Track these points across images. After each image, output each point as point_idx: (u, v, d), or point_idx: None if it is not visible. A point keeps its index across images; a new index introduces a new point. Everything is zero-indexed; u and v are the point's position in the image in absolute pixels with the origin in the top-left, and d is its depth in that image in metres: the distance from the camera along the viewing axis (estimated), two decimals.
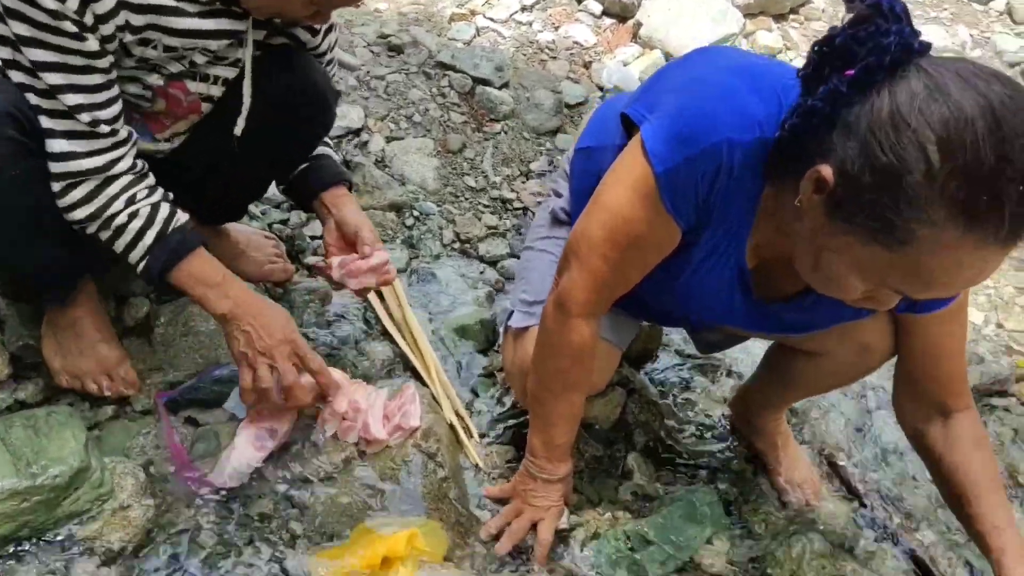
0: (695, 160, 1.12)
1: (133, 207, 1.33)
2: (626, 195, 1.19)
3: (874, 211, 0.95)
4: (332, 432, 1.55)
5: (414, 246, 2.15)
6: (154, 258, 1.36)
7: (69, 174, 1.28)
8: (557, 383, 1.41)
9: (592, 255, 1.26)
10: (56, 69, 1.21)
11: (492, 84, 2.57)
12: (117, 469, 1.41)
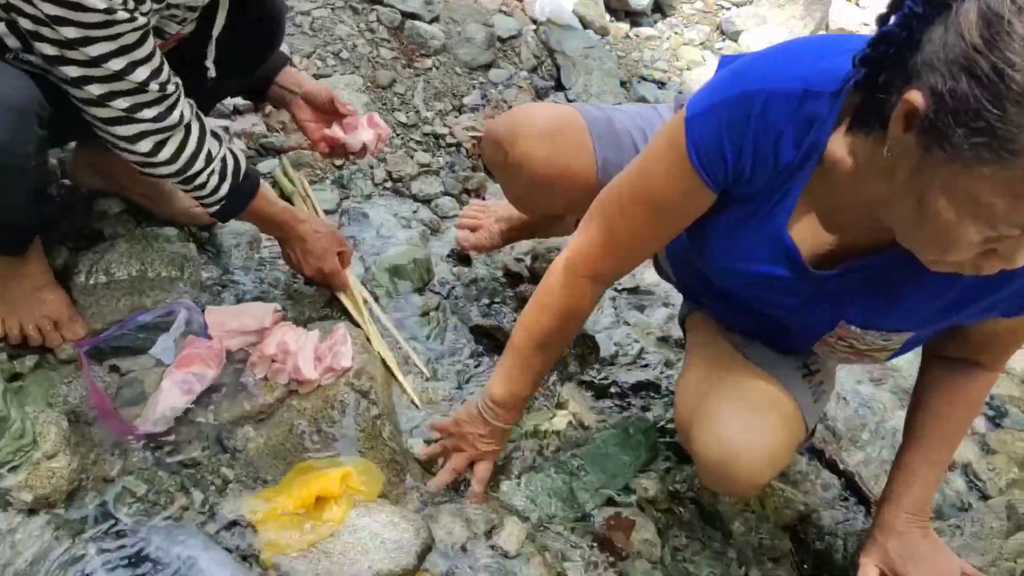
0: (720, 107, 1.05)
1: (211, 165, 1.47)
2: (658, 148, 1.15)
3: (978, 124, 0.83)
4: (262, 375, 1.53)
5: (345, 186, 2.11)
6: (227, 205, 1.54)
7: (157, 132, 1.38)
8: (543, 338, 1.37)
9: (615, 213, 1.22)
10: (117, 54, 1.27)
11: (422, 18, 2.51)
12: (39, 419, 1.38)
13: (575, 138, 1.49)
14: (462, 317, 1.89)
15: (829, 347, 1.25)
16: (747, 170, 1.07)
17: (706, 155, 1.07)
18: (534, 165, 1.51)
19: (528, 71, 2.57)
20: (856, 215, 1.07)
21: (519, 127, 1.53)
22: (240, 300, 1.72)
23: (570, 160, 1.49)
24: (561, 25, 2.69)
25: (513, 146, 1.53)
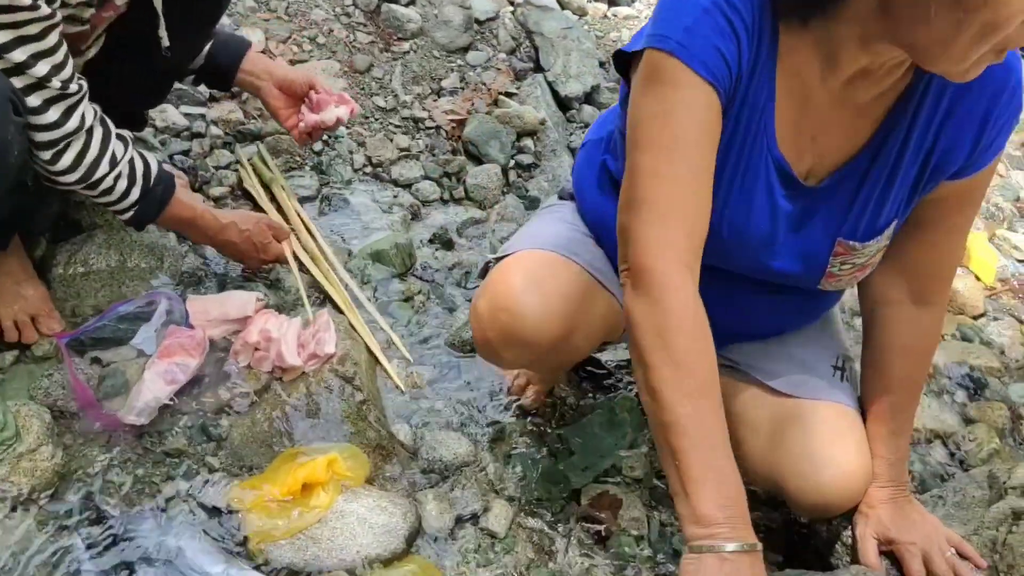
0: (705, 15, 1.02)
1: (116, 169, 1.40)
2: (651, 97, 1.04)
3: None
4: (245, 363, 1.53)
5: (324, 172, 2.09)
6: (140, 212, 1.48)
7: (56, 141, 1.31)
8: (689, 380, 1.01)
9: (651, 186, 1.03)
10: (18, 44, 1.21)
11: (398, 1, 2.48)
12: (22, 412, 1.36)
13: (556, 271, 1.33)
14: (445, 301, 1.89)
15: (835, 278, 1.24)
16: (735, 72, 1.06)
17: (710, 62, 1.02)
18: (539, 331, 1.29)
19: (506, 53, 2.55)
20: (829, 115, 1.09)
21: (507, 317, 1.29)
22: (222, 288, 1.71)
23: (569, 292, 1.32)
24: (539, 6, 2.68)
25: (513, 338, 1.30)
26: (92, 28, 1.42)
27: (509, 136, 2.31)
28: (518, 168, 2.30)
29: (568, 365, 1.64)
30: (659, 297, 1.02)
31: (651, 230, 1.03)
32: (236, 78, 1.77)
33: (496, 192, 2.21)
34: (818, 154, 1.15)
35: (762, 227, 1.19)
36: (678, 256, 1.03)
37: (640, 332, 1.03)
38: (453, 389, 1.69)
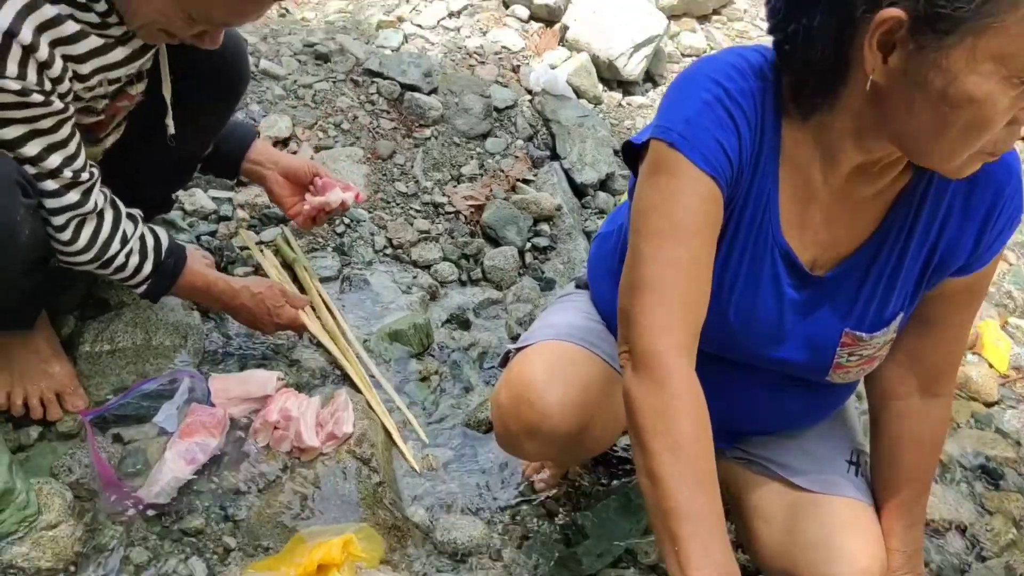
0: (700, 113, 1.05)
1: (127, 246, 1.44)
2: (652, 187, 1.07)
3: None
4: (264, 442, 1.55)
5: (346, 253, 2.15)
6: (154, 284, 1.52)
7: (71, 220, 1.36)
8: (690, 467, 0.99)
9: (651, 270, 1.05)
10: (31, 137, 1.26)
11: (421, 90, 2.58)
12: (44, 490, 1.39)
13: (576, 362, 1.35)
14: (461, 382, 1.91)
15: (843, 369, 1.25)
16: (738, 165, 1.08)
17: (711, 154, 1.05)
18: (562, 423, 1.30)
19: (524, 140, 2.63)
20: (831, 208, 1.11)
21: (529, 410, 1.30)
22: (243, 367, 1.74)
23: (590, 383, 1.32)
24: (556, 95, 2.77)
25: (535, 431, 1.31)
26: (109, 118, 1.48)
27: (526, 220, 2.37)
28: (534, 251, 2.35)
29: (589, 456, 1.65)
30: (662, 381, 1.01)
31: (653, 314, 1.04)
32: (242, 167, 1.80)
33: (513, 274, 2.26)
34: (823, 245, 1.17)
35: (769, 315, 1.20)
36: (679, 341, 1.03)
37: (641, 416, 1.02)
38: (468, 471, 1.70)
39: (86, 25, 1.25)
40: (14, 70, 1.18)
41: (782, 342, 1.22)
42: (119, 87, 1.42)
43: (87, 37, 1.26)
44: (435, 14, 3.05)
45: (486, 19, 3.12)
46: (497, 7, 3.18)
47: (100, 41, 1.28)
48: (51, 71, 1.22)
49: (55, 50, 1.22)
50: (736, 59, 1.09)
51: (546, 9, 3.15)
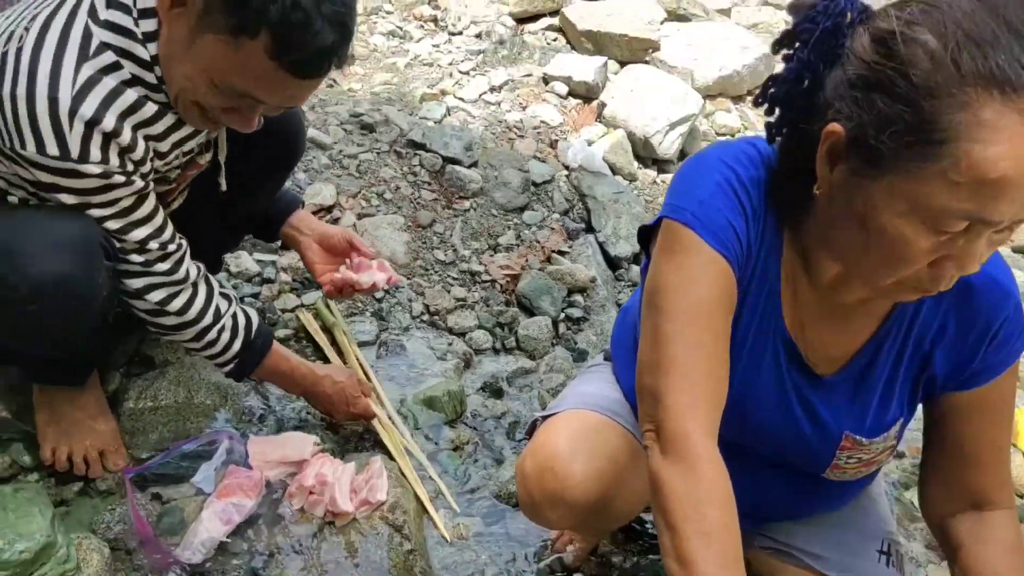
0: (712, 194, 1.06)
1: (220, 321, 1.50)
2: (668, 266, 1.07)
3: (897, 129, 0.87)
4: (299, 506, 1.56)
5: (384, 318, 2.19)
6: (240, 363, 1.56)
7: (161, 288, 1.41)
8: (720, 553, 0.98)
9: (676, 350, 1.04)
10: (114, 217, 1.32)
11: (462, 163, 2.65)
12: (83, 545, 1.41)
13: (601, 432, 1.35)
14: (493, 452, 1.92)
15: (840, 470, 1.24)
16: (746, 249, 1.09)
17: (724, 235, 1.06)
18: (585, 494, 1.30)
19: (560, 213, 2.68)
20: (821, 312, 1.11)
21: (552, 478, 1.30)
22: (280, 429, 1.77)
23: (614, 454, 1.32)
24: (592, 171, 2.84)
25: (558, 499, 1.31)
26: (177, 185, 1.55)
27: (560, 291, 2.40)
28: (568, 321, 2.38)
29: (613, 527, 1.65)
30: (691, 465, 1.00)
31: (680, 394, 1.03)
32: (281, 231, 1.85)
33: (546, 343, 2.28)
34: (821, 345, 1.16)
35: (768, 405, 1.19)
36: (706, 423, 1.03)
37: (670, 499, 1.01)
38: (498, 542, 1.70)
39: (161, 105, 1.31)
40: (97, 155, 1.24)
41: (780, 434, 1.22)
42: (190, 158, 1.49)
43: (163, 116, 1.32)
44: (477, 88, 3.15)
45: (526, 94, 3.21)
46: (537, 83, 3.28)
47: (174, 118, 1.34)
48: (134, 154, 1.28)
49: (137, 133, 1.28)
50: (748, 147, 1.12)
51: (584, 86, 3.24)
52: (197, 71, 1.24)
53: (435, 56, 3.34)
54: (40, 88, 1.20)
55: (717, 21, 4.02)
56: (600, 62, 3.31)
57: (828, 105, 0.94)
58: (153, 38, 1.26)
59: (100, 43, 1.23)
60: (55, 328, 1.32)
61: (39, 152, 1.21)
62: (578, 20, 3.52)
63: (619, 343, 1.48)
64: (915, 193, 0.88)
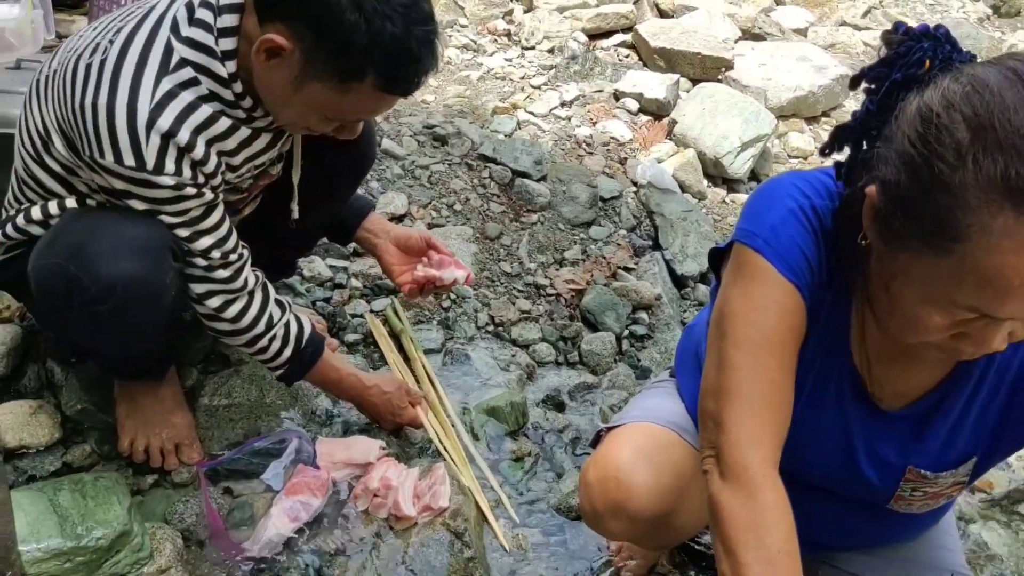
0: (793, 218, 1.05)
1: (272, 331, 1.54)
2: (737, 293, 1.07)
3: (918, 215, 0.87)
4: (363, 508, 1.59)
5: (450, 327, 2.22)
6: (290, 370, 1.60)
7: (219, 295, 1.46)
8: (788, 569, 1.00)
9: (741, 378, 1.05)
10: (183, 226, 1.37)
11: (531, 177, 2.68)
12: (157, 534, 1.46)
13: (666, 446, 1.35)
14: (554, 466, 1.93)
15: (904, 502, 1.22)
16: (818, 278, 1.07)
17: (795, 264, 1.05)
18: (647, 506, 1.30)
19: (627, 230, 2.69)
20: (890, 349, 1.09)
21: (615, 488, 1.30)
22: (347, 431, 1.80)
23: (679, 469, 1.32)
24: (661, 188, 2.83)
25: (619, 510, 1.31)
26: (249, 193, 1.60)
27: (625, 308, 2.40)
28: (632, 338, 2.38)
29: (673, 544, 1.63)
30: (753, 493, 1.01)
31: (743, 423, 1.03)
32: (356, 235, 1.88)
33: (609, 359, 2.28)
34: (889, 382, 1.15)
35: (831, 437, 1.18)
36: (768, 453, 1.03)
37: (731, 526, 1.01)
38: (557, 555, 1.71)
39: (236, 120, 1.36)
40: (171, 168, 1.29)
41: (841, 468, 1.20)
42: (262, 169, 1.53)
43: (237, 131, 1.37)
44: (548, 102, 3.18)
45: (596, 110, 3.22)
46: (608, 99, 3.29)
47: (248, 132, 1.39)
48: (206, 167, 1.33)
49: (210, 148, 1.33)
50: (824, 177, 1.10)
51: (655, 103, 3.24)
52: (308, 111, 1.33)
53: (508, 70, 3.38)
54: (120, 99, 1.25)
55: (793, 41, 3.98)
56: (672, 79, 3.31)
57: (878, 162, 0.94)
58: (232, 56, 1.30)
59: (180, 59, 1.28)
60: (126, 326, 1.37)
61: (116, 162, 1.27)
62: (651, 37, 3.53)
63: (683, 361, 1.48)
64: (926, 279, 0.90)
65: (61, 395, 1.65)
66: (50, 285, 1.35)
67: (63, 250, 1.33)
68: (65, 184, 1.41)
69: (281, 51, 1.24)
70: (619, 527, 1.35)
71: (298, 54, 1.24)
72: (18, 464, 1.55)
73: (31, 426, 1.57)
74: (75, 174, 1.38)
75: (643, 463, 1.31)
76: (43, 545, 1.33)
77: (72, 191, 1.41)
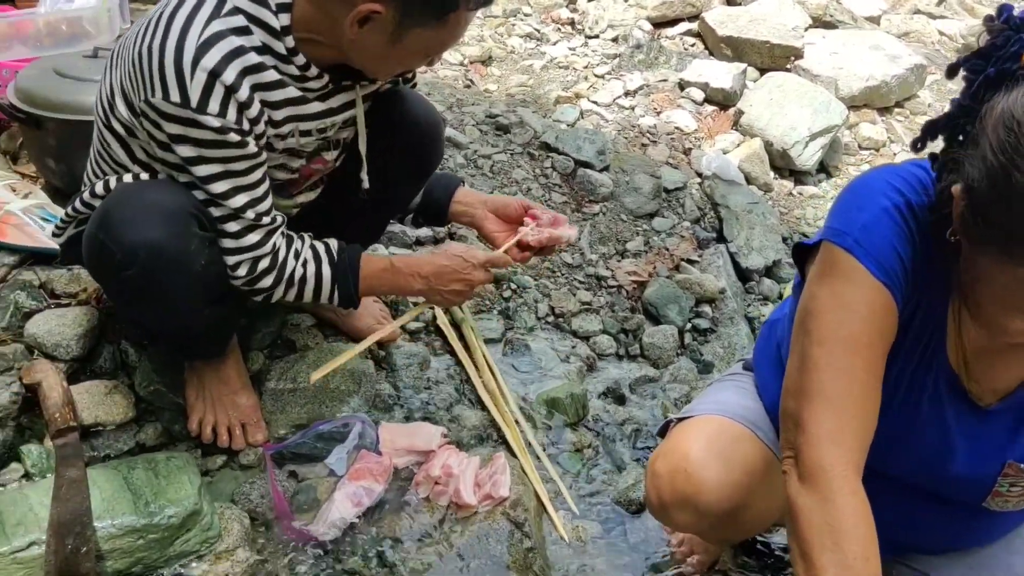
0: (878, 220, 1.03)
1: (301, 257, 1.52)
2: (825, 292, 1.05)
3: (994, 221, 0.87)
4: (425, 495, 1.61)
5: (510, 317, 2.22)
6: (341, 284, 1.55)
7: (251, 259, 1.46)
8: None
9: (824, 378, 1.03)
10: (223, 177, 1.37)
11: (593, 167, 2.66)
12: (225, 514, 1.50)
13: (738, 441, 1.33)
14: (614, 459, 1.92)
15: (1002, 498, 1.19)
16: (912, 279, 1.06)
17: (888, 265, 1.03)
18: (717, 501, 1.29)
19: (691, 222, 2.65)
20: (991, 345, 1.07)
21: (684, 480, 1.29)
22: (408, 418, 1.82)
23: (750, 466, 1.31)
24: (726, 180, 2.78)
25: (687, 502, 1.30)
26: (303, 178, 1.60)
27: (688, 301, 2.37)
28: (694, 332, 2.35)
29: (739, 539, 1.61)
30: (831, 496, 0.99)
31: (824, 424, 1.02)
32: (450, 210, 1.82)
33: (671, 353, 2.25)
34: (986, 380, 1.13)
35: (926, 438, 1.16)
36: (850, 456, 1.01)
37: (808, 528, 1.00)
38: (616, 548, 1.70)
39: (286, 76, 1.37)
40: (215, 108, 1.30)
41: (938, 466, 1.18)
42: (315, 151, 1.54)
43: (285, 87, 1.38)
44: (611, 92, 3.15)
45: (660, 99, 3.18)
46: (672, 88, 3.25)
47: (297, 93, 1.40)
48: (249, 111, 1.34)
49: (255, 94, 1.34)
50: (918, 170, 1.07)
51: (722, 93, 3.19)
52: (408, 57, 1.39)
53: (571, 59, 3.36)
54: (171, 40, 1.28)
55: (865, 29, 3.86)
56: (739, 69, 3.25)
57: (964, 162, 0.93)
58: (286, 9, 1.32)
59: (233, 7, 1.31)
60: (156, 294, 1.40)
61: (164, 98, 1.29)
62: (718, 25, 3.46)
63: (763, 357, 1.46)
64: (1006, 285, 0.92)
65: (135, 376, 1.69)
66: (87, 254, 1.42)
67: (95, 219, 1.39)
68: (127, 149, 1.45)
69: (376, 14, 1.27)
70: (685, 519, 1.34)
71: (391, 11, 1.27)
72: (93, 442, 1.60)
73: (106, 405, 1.62)
74: (134, 135, 1.41)
75: (714, 457, 1.29)
76: (118, 522, 1.38)
77: (134, 160, 1.45)
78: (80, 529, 1.32)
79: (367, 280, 1.59)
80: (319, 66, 1.39)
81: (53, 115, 1.96)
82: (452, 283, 1.63)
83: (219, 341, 1.64)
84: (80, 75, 2.02)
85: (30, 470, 1.50)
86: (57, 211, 2.02)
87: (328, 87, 1.44)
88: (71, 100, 1.96)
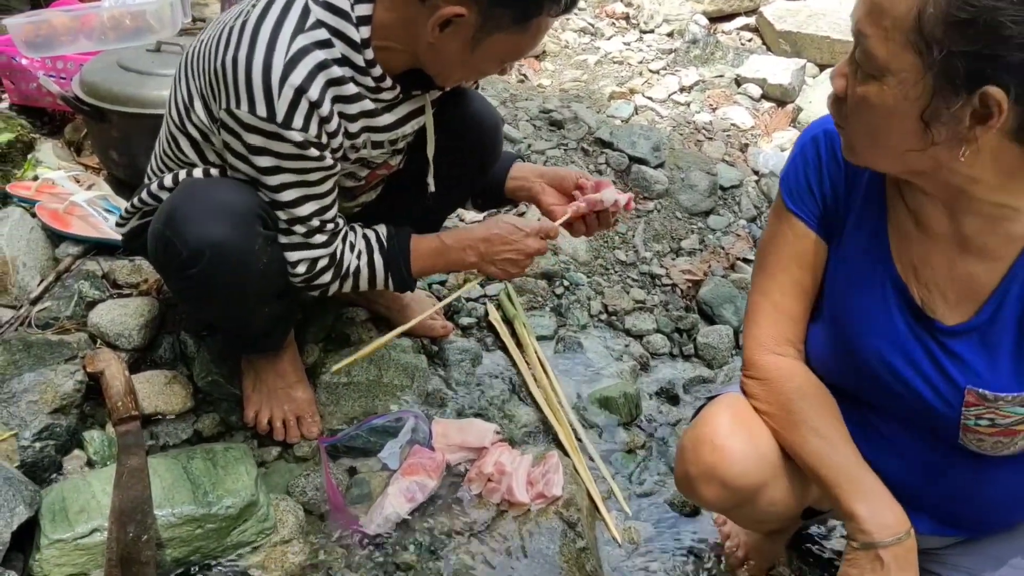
0: (796, 157, 1.22)
1: (356, 249, 1.55)
2: (767, 226, 1.31)
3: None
4: (477, 491, 1.60)
5: (562, 314, 2.20)
6: (394, 269, 1.58)
7: (311, 259, 1.48)
8: (819, 427, 1.23)
9: (753, 298, 1.31)
10: (295, 187, 1.40)
11: (648, 163, 2.62)
12: (280, 506, 1.51)
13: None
14: (668, 460, 1.89)
15: (976, 435, 1.16)
16: (831, 199, 1.21)
17: (798, 195, 1.23)
18: (741, 473, 1.29)
19: (747, 220, 2.60)
20: (940, 251, 1.13)
21: (710, 452, 1.29)
22: (460, 413, 1.82)
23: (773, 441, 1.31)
24: None
25: (713, 475, 1.30)
26: (367, 183, 1.62)
27: (744, 301, 2.32)
28: None
29: (768, 523, 1.58)
30: (766, 376, 1.28)
31: (750, 334, 1.31)
32: (506, 187, 1.77)
33: (726, 354, 2.22)
34: (940, 290, 1.16)
35: (883, 352, 1.20)
36: (774, 350, 1.28)
37: (759, 404, 1.29)
38: (669, 550, 1.67)
39: (363, 88, 1.38)
40: (300, 123, 1.32)
41: (905, 388, 1.19)
42: (383, 160, 1.55)
43: (361, 100, 1.39)
44: (666, 88, 3.11)
45: (716, 96, 3.13)
46: (729, 84, 3.20)
47: (372, 105, 1.41)
48: (329, 125, 1.35)
49: (334, 107, 1.36)
50: None
51: (779, 89, 3.13)
52: (486, 63, 1.39)
53: (625, 54, 3.33)
54: (257, 54, 1.29)
55: None
56: (798, 64, 3.19)
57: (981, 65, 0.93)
58: (367, 22, 1.33)
59: (316, 20, 1.31)
60: (219, 290, 1.42)
61: (250, 111, 1.30)
62: (776, 20, 3.40)
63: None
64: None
65: (193, 367, 1.72)
66: (152, 249, 1.43)
67: (162, 215, 1.41)
68: (199, 152, 1.46)
69: (459, 18, 1.27)
70: (711, 492, 1.32)
71: (474, 15, 1.27)
72: (153, 430, 1.63)
73: (166, 395, 1.65)
74: (209, 140, 1.43)
75: (741, 430, 1.29)
76: (177, 511, 1.40)
77: (204, 161, 1.47)
78: (141, 517, 1.34)
79: (419, 262, 1.60)
80: (391, 75, 1.39)
81: (117, 108, 2.00)
82: (504, 251, 1.61)
83: (277, 336, 1.66)
84: (143, 69, 2.06)
85: (92, 457, 1.53)
86: (119, 202, 2.06)
87: (399, 97, 1.44)
88: (134, 93, 2.00)
